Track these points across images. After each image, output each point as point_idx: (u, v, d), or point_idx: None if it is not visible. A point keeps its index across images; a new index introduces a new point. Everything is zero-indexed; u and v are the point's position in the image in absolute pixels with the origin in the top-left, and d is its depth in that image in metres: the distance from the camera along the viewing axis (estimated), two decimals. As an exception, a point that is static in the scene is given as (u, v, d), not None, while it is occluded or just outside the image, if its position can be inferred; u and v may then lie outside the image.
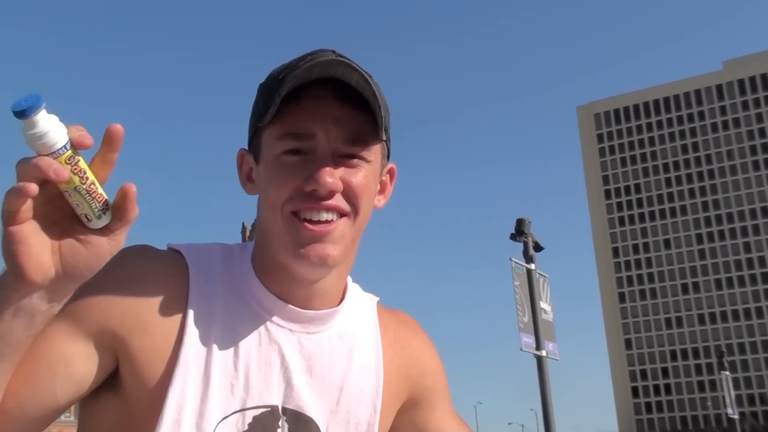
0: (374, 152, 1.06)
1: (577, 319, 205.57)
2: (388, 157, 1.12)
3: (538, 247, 11.65)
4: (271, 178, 1.03)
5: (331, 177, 0.99)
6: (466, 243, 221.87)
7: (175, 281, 1.03)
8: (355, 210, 1.03)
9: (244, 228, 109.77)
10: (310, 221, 1.01)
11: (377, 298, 1.26)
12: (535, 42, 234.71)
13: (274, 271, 1.06)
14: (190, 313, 1.01)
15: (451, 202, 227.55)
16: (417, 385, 1.23)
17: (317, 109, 1.00)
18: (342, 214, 1.03)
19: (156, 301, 1.00)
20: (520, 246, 11.59)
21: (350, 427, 1.12)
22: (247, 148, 1.11)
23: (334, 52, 1.02)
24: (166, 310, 1.00)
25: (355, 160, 1.03)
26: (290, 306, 1.07)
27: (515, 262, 11.25)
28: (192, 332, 1.00)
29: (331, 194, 1.01)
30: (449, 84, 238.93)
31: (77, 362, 0.97)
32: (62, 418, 1.70)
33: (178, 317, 1.00)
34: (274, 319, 1.06)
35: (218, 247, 1.12)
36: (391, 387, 1.19)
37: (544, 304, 11.57)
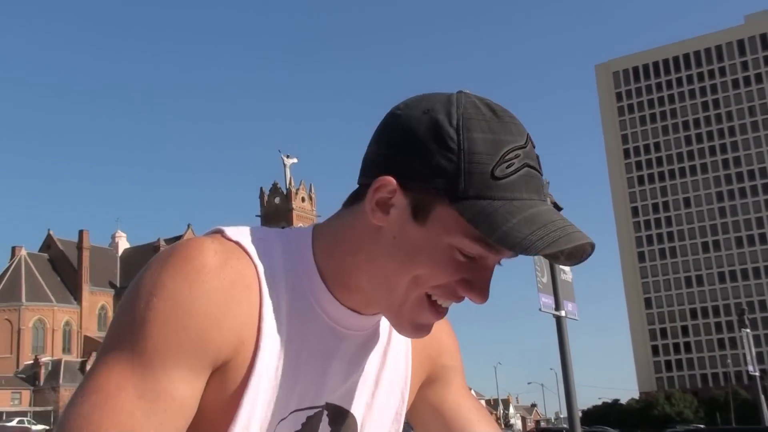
0: None
1: (597, 279, 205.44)
2: None
3: (556, 207, 11.55)
4: (433, 259, 0.97)
5: (488, 291, 1.00)
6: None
7: (253, 288, 1.00)
8: None
9: (262, 192, 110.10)
10: (438, 305, 1.00)
11: None
12: (553, 0, 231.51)
13: (352, 291, 1.05)
14: (264, 319, 1.00)
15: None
16: (435, 364, 1.25)
17: None
18: None
19: (245, 316, 0.99)
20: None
21: (382, 418, 1.15)
22: (398, 180, 0.98)
23: (529, 137, 1.00)
24: (251, 322, 0.99)
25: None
26: (352, 313, 1.06)
27: (533, 222, 11.16)
28: (266, 339, 0.99)
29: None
30: (468, 47, 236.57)
31: (197, 400, 0.96)
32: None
33: (257, 325, 1.00)
34: (334, 322, 1.06)
35: (275, 237, 1.08)
36: (415, 371, 1.21)
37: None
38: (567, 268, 11.70)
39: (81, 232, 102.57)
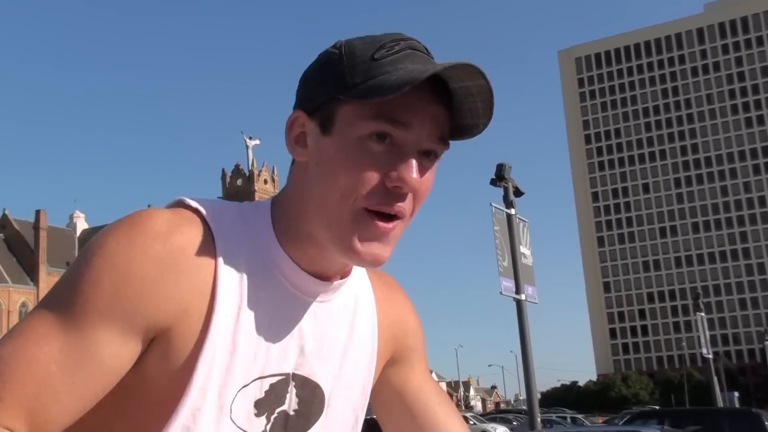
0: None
1: (557, 263, 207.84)
2: None
3: (518, 192, 11.69)
4: (349, 161, 0.97)
5: (417, 175, 0.97)
6: (447, 188, 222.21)
7: (206, 254, 0.99)
8: (411, 214, 1.02)
9: (224, 174, 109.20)
10: (377, 216, 0.98)
11: None
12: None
13: (302, 242, 1.04)
14: (220, 285, 0.99)
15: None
16: (400, 345, 1.25)
17: (418, 101, 0.96)
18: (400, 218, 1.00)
19: (192, 283, 0.97)
20: (500, 191, 11.63)
21: (349, 391, 1.14)
22: (303, 110, 1.03)
23: (417, 40, 1.02)
24: (200, 289, 0.98)
25: (432, 159, 1.00)
26: (312, 278, 1.06)
27: (495, 207, 11.31)
28: (220, 305, 0.99)
29: (406, 195, 0.98)
30: (428, 31, 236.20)
31: (129, 362, 0.95)
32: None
33: (210, 292, 0.98)
34: (295, 288, 1.05)
35: (234, 207, 1.08)
36: (382, 348, 1.20)
37: (523, 249, 11.68)
38: (528, 252, 11.86)
39: (38, 212, 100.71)
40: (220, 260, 1.00)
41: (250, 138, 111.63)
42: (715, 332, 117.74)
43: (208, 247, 1.00)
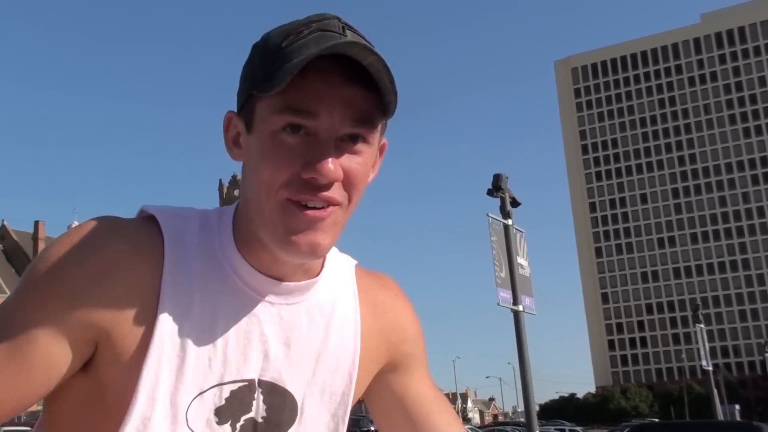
0: (376, 133, 1.00)
1: (555, 273, 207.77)
2: (383, 132, 1.05)
3: (515, 203, 11.55)
4: (266, 155, 0.96)
5: (333, 165, 0.94)
6: (443, 199, 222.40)
7: (151, 258, 0.98)
8: (349, 200, 0.99)
9: (221, 185, 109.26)
10: (305, 206, 0.96)
11: (355, 262, 1.22)
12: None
13: (256, 244, 1.02)
14: (166, 290, 0.97)
15: (428, 159, 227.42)
16: (397, 351, 1.21)
17: (324, 87, 0.93)
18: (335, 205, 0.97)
19: (133, 285, 0.96)
20: (497, 201, 11.49)
21: (325, 397, 1.10)
22: (236, 111, 1.03)
23: (338, 18, 0.97)
24: (142, 292, 0.96)
25: (358, 144, 0.97)
26: (271, 279, 1.03)
27: (492, 217, 11.17)
28: (167, 309, 0.97)
29: (330, 184, 0.95)
30: (424, 42, 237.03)
31: (62, 363, 0.94)
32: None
33: (154, 296, 0.97)
34: (254, 291, 1.03)
35: (195, 213, 1.06)
36: (370, 353, 1.16)
37: (521, 260, 11.53)
38: (525, 263, 11.71)
39: (36, 223, 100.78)
40: (167, 265, 0.98)
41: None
42: (715, 344, 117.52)
43: (154, 251, 0.98)
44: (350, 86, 0.94)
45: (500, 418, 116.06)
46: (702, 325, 26.32)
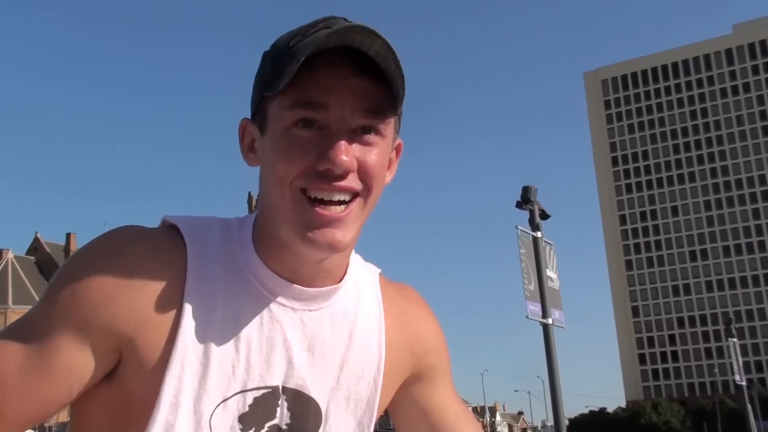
0: (390, 126, 1.00)
1: (584, 286, 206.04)
2: (398, 131, 1.05)
3: (544, 215, 11.51)
4: (279, 151, 0.97)
5: (347, 155, 0.94)
6: (473, 211, 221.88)
7: (174, 266, 0.99)
8: (368, 189, 0.98)
9: (250, 197, 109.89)
10: (322, 202, 0.96)
11: (379, 270, 1.22)
12: (542, 7, 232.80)
13: (277, 248, 1.02)
14: (189, 297, 0.98)
15: (457, 171, 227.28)
16: (421, 361, 1.21)
17: (332, 79, 0.94)
18: (355, 194, 0.98)
19: (156, 293, 0.97)
20: (526, 214, 11.45)
21: (350, 405, 1.10)
22: (250, 118, 1.05)
23: (345, 19, 0.97)
24: (165, 299, 0.97)
25: (371, 135, 0.97)
26: (293, 285, 1.03)
27: (521, 230, 11.12)
28: (190, 316, 0.97)
29: (345, 174, 0.95)
30: (455, 54, 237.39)
31: (84, 371, 0.95)
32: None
33: (177, 303, 0.98)
34: (277, 298, 1.03)
35: (216, 221, 1.07)
36: (394, 363, 1.16)
37: (550, 272, 11.46)
38: (554, 276, 11.64)
39: (68, 236, 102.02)
40: (190, 271, 0.99)
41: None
42: (749, 358, 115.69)
43: (177, 258, 0.99)
44: (359, 77, 0.95)
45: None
46: (735, 339, 25.93)
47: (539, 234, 11.27)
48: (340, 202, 0.96)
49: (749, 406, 26.68)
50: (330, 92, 0.94)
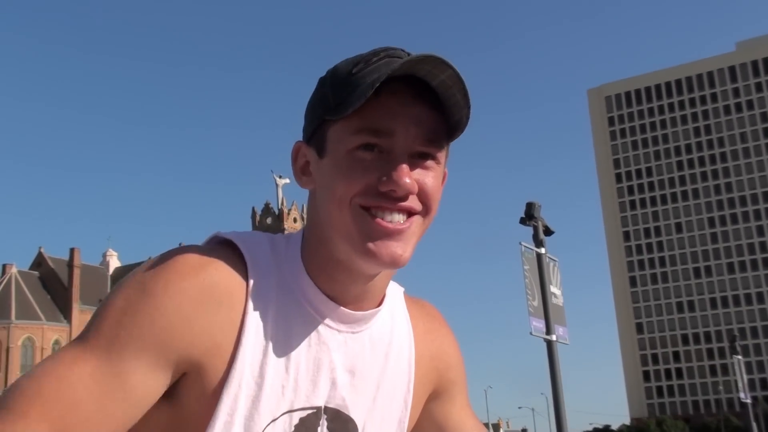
0: (443, 153, 1.04)
1: (588, 303, 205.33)
2: (447, 157, 1.09)
3: (548, 231, 11.53)
4: (341, 172, 0.99)
5: (409, 178, 0.97)
6: (476, 228, 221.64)
7: (240, 288, 1.01)
8: (427, 210, 1.02)
9: (254, 212, 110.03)
10: (382, 219, 0.99)
11: (403, 289, 1.24)
12: (545, 24, 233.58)
13: (328, 268, 1.04)
14: (249, 318, 1.00)
15: (460, 188, 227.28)
16: (442, 378, 1.23)
17: (397, 106, 0.98)
18: (413, 213, 1.01)
19: (226, 316, 0.99)
20: (530, 230, 11.48)
21: (384, 425, 1.13)
22: (304, 140, 1.08)
23: (403, 50, 1.02)
24: (232, 322, 0.99)
25: (429, 161, 1.01)
26: (341, 308, 1.05)
27: (525, 246, 11.14)
28: (249, 337, 0.99)
29: (406, 196, 0.98)
30: (457, 65, 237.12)
31: (156, 393, 0.96)
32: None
33: (238, 323, 0.99)
34: (324, 319, 1.05)
35: (264, 238, 1.09)
36: (422, 381, 1.19)
37: (554, 289, 11.48)
38: (558, 292, 11.66)
39: (72, 250, 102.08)
40: (251, 294, 1.00)
41: (280, 177, 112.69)
42: (754, 376, 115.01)
43: (241, 280, 1.01)
44: (421, 105, 0.98)
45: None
46: (740, 357, 25.86)
47: (543, 250, 11.29)
48: (400, 223, 1.00)
49: (754, 424, 26.57)
50: (395, 119, 0.97)
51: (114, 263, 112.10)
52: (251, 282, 1.01)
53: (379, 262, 0.99)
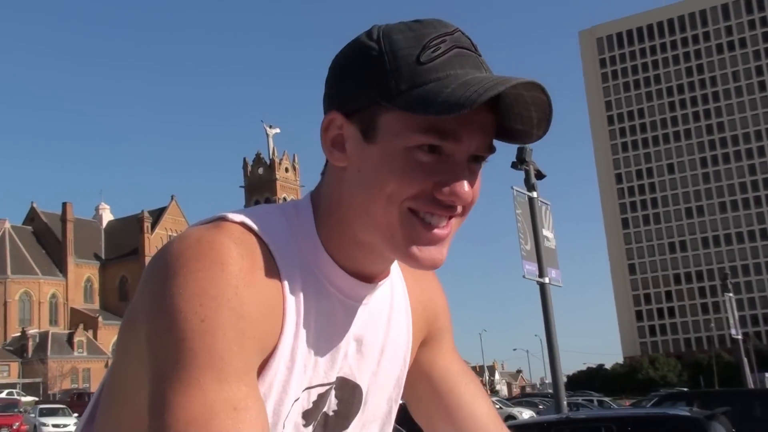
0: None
1: (581, 245, 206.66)
2: None
3: (539, 175, 11.59)
4: (396, 169, 0.93)
5: (468, 188, 0.95)
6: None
7: (276, 277, 0.97)
8: (464, 212, 1.00)
9: (245, 163, 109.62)
10: (429, 224, 0.96)
11: None
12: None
13: (349, 248, 1.02)
14: (287, 305, 0.98)
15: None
16: (432, 327, 1.24)
17: (469, 113, 0.90)
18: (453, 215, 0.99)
19: (274, 309, 0.96)
20: (521, 174, 11.53)
21: (384, 385, 1.14)
22: (340, 111, 0.98)
23: (461, 31, 0.97)
24: (277, 312, 0.97)
25: (479, 164, 0.98)
26: (359, 282, 1.04)
27: (517, 190, 11.21)
28: (289, 324, 0.98)
29: (458, 207, 0.97)
30: (444, 10, 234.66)
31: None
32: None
33: (281, 310, 0.97)
34: (343, 295, 1.04)
35: (273, 210, 1.05)
36: (416, 334, 1.19)
37: (546, 232, 11.58)
38: (550, 235, 11.76)
39: (65, 205, 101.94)
40: (285, 279, 0.98)
41: (271, 127, 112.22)
42: (744, 313, 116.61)
43: (275, 269, 0.98)
44: (488, 112, 0.95)
45: (528, 390, 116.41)
46: (731, 294, 26.22)
47: (535, 194, 11.35)
48: (444, 226, 0.98)
49: (745, 359, 27.04)
50: (465, 126, 0.93)
51: (107, 216, 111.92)
52: (281, 269, 0.98)
53: (418, 266, 0.98)
